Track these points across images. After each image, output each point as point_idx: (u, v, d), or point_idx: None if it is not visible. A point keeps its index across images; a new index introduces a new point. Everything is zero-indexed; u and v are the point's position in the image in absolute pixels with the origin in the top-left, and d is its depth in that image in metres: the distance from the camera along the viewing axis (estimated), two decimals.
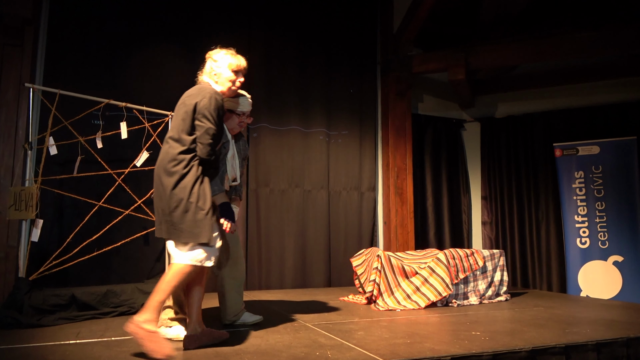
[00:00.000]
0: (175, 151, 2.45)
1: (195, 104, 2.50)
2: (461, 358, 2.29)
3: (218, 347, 2.43)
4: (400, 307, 3.71)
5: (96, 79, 4.33)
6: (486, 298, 4.10)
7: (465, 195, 6.11)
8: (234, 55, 2.72)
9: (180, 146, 2.46)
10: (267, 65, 5.12)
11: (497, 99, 6.21)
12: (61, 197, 4.00)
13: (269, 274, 4.92)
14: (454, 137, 6.16)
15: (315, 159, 5.25)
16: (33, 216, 3.51)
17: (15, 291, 3.20)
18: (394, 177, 5.45)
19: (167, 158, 2.46)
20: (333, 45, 5.44)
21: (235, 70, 2.68)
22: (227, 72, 2.67)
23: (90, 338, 2.65)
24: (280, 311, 3.50)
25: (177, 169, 2.43)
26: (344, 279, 5.11)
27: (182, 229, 2.37)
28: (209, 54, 2.75)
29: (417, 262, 4.00)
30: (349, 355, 2.26)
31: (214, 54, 2.73)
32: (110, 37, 4.50)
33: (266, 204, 5.00)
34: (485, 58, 5.37)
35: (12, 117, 4.10)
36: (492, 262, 4.20)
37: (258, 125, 5.04)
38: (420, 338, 2.64)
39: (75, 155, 3.81)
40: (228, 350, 2.37)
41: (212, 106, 2.50)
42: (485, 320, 3.24)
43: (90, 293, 3.32)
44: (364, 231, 5.37)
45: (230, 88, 2.70)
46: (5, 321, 2.91)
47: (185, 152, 2.45)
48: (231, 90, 2.72)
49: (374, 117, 5.65)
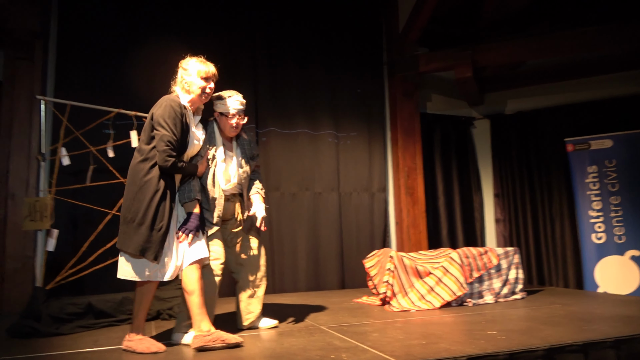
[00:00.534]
0: (135, 161, 2.57)
1: (152, 114, 2.59)
2: (477, 358, 2.27)
3: (233, 352, 2.44)
4: (414, 307, 3.69)
5: (106, 89, 4.39)
6: (501, 296, 4.06)
7: (477, 193, 6.06)
8: (203, 62, 2.73)
9: (139, 156, 2.56)
10: (272, 68, 5.14)
11: (506, 95, 6.17)
12: (75, 206, 4.04)
13: (283, 278, 4.93)
14: (463, 135, 6.13)
15: (325, 161, 5.25)
16: (48, 226, 3.56)
17: (33, 300, 3.24)
18: (404, 177, 5.44)
19: (130, 169, 2.58)
20: (338, 48, 5.44)
21: (205, 77, 2.69)
22: (197, 80, 2.68)
23: (108, 345, 2.68)
24: (294, 314, 3.51)
25: (135, 180, 2.52)
26: (358, 280, 5.09)
27: (135, 241, 2.45)
28: (180, 63, 2.76)
29: (431, 262, 3.98)
30: (364, 358, 2.26)
31: (183, 63, 2.75)
32: (118, 46, 4.56)
33: (277, 207, 5.01)
34: (491, 55, 5.34)
35: (25, 130, 4.18)
36: (507, 260, 4.16)
37: (266, 129, 5.06)
38: (436, 338, 2.63)
39: (87, 165, 3.85)
40: (244, 355, 2.38)
41: (166, 114, 2.54)
42: (501, 319, 3.22)
43: (106, 301, 3.36)
44: (376, 232, 5.36)
45: (200, 95, 2.70)
46: (24, 330, 2.95)
47: (143, 161, 2.53)
48: (202, 98, 2.72)
49: (382, 118, 5.64)
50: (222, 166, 2.84)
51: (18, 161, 4.14)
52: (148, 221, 2.46)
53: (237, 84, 4.89)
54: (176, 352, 2.50)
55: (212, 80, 2.73)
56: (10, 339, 2.91)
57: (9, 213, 4.05)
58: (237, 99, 2.90)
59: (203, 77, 2.68)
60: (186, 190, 2.65)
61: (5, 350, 2.63)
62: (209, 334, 2.50)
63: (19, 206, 4.03)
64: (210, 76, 2.72)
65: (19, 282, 4.00)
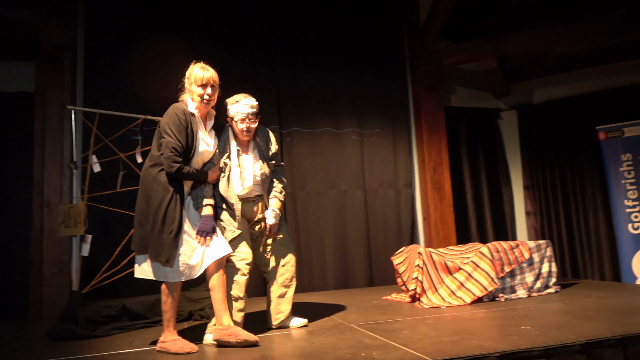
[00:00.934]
0: (146, 167, 2.69)
1: (160, 122, 2.71)
2: (510, 354, 2.23)
3: (265, 351, 2.47)
4: (445, 304, 3.65)
5: (132, 96, 4.48)
6: (534, 291, 3.97)
7: (506, 186, 5.95)
8: (202, 68, 2.77)
9: (150, 162, 2.69)
10: (293, 68, 5.16)
11: (532, 85, 6.02)
12: (107, 212, 4.15)
13: (311, 276, 4.95)
14: (490, 127, 6.01)
15: (349, 158, 5.24)
16: (82, 232, 3.67)
17: (70, 304, 3.35)
18: (430, 172, 5.38)
19: (141, 175, 2.72)
20: (359, 44, 5.42)
21: (202, 84, 2.73)
22: (195, 87, 2.74)
23: (143, 346, 2.74)
24: (324, 313, 3.52)
25: (146, 185, 2.65)
26: (386, 277, 5.07)
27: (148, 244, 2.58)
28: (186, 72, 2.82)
29: (460, 257, 3.93)
30: (394, 355, 2.24)
31: (187, 71, 2.80)
32: (143, 54, 4.64)
33: (303, 207, 5.03)
34: (516, 45, 5.22)
35: (57, 139, 4.32)
36: (539, 254, 4.07)
37: (290, 129, 5.08)
38: (467, 335, 2.59)
39: (117, 171, 3.95)
40: (275, 354, 2.40)
41: (170, 121, 2.65)
42: (535, 314, 3.15)
43: (139, 303, 3.44)
44: (404, 228, 5.32)
45: (201, 102, 2.74)
46: (63, 333, 3.05)
47: (152, 167, 2.65)
48: (204, 104, 2.75)
49: (406, 113, 5.59)
50: (237, 171, 2.85)
51: (52, 170, 4.28)
52: (159, 225, 2.55)
53: (259, 85, 4.99)
54: (208, 353, 2.54)
55: (210, 86, 2.74)
56: (51, 342, 3.01)
57: (45, 220, 4.20)
58: (246, 103, 2.85)
59: (199, 84, 2.73)
60: (198, 196, 2.72)
61: (46, 353, 2.72)
62: (227, 328, 2.58)
63: (54, 213, 4.17)
64: (207, 82, 2.74)
65: (56, 286, 4.14)
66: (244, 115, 2.83)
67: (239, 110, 2.83)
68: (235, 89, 4.73)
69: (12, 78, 4.47)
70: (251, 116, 2.85)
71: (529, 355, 2.25)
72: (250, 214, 2.96)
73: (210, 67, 2.79)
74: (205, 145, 2.78)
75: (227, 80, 4.76)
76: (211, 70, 2.78)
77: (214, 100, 2.79)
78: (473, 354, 2.19)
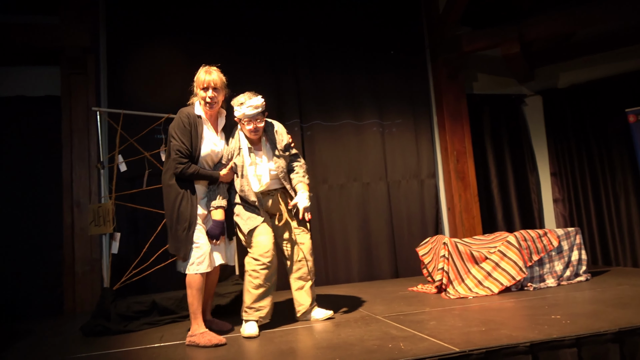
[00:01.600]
0: (163, 172, 2.88)
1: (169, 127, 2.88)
2: (541, 344, 2.20)
3: (290, 343, 2.49)
4: (472, 294, 3.61)
5: (155, 96, 4.53)
6: (564, 279, 3.90)
7: (532, 174, 5.82)
8: (205, 71, 2.84)
9: (164, 167, 2.87)
10: (313, 61, 5.14)
11: (557, 69, 5.87)
12: (134, 210, 4.25)
13: (336, 269, 4.96)
14: (514, 113, 5.89)
15: (371, 150, 5.22)
16: (111, 230, 3.76)
17: (102, 300, 3.44)
18: (453, 162, 5.31)
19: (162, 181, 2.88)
20: (378, 35, 5.37)
21: (204, 87, 2.82)
22: (199, 90, 2.84)
23: (173, 341, 2.80)
24: (349, 305, 3.52)
25: (164, 188, 2.84)
26: (411, 269, 5.04)
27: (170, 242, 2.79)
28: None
29: (486, 247, 3.88)
30: (422, 346, 2.24)
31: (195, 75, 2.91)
32: (164, 54, 4.70)
33: (326, 200, 5.04)
34: (539, 28, 5.08)
35: (84, 141, 4.42)
36: (568, 241, 3.98)
37: (311, 123, 5.08)
38: (496, 325, 2.56)
39: (142, 170, 4.03)
40: (301, 346, 2.42)
41: (175, 125, 2.81)
42: (565, 302, 3.09)
43: (168, 298, 3.50)
44: (428, 219, 5.27)
45: (204, 105, 2.84)
46: (96, 329, 3.14)
47: (166, 171, 2.83)
48: (208, 106, 2.84)
49: (427, 103, 5.52)
50: (252, 169, 2.89)
51: (80, 171, 4.39)
52: (174, 224, 2.75)
53: (278, 78, 5.01)
54: (237, 345, 2.58)
55: (212, 89, 2.81)
56: (85, 338, 3.10)
57: (75, 220, 4.31)
58: (250, 104, 2.85)
59: (201, 87, 2.82)
60: (213, 198, 2.84)
61: (80, 348, 2.81)
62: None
63: (84, 213, 4.28)
64: (208, 85, 2.81)
65: (88, 283, 4.26)
66: (250, 117, 2.86)
67: (244, 112, 2.86)
68: (255, 84, 4.77)
69: (39, 82, 4.59)
70: (257, 116, 2.88)
71: (561, 345, 2.22)
72: (270, 206, 3.00)
73: (215, 70, 2.86)
74: (212, 145, 2.87)
75: (247, 74, 4.81)
76: (215, 73, 2.84)
77: (217, 102, 2.86)
78: (502, 344, 2.17)
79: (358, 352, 2.22)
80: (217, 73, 2.85)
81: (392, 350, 2.21)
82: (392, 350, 2.20)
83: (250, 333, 2.73)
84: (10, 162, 4.41)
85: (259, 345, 2.52)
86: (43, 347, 2.91)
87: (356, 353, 2.20)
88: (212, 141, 2.88)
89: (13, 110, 4.47)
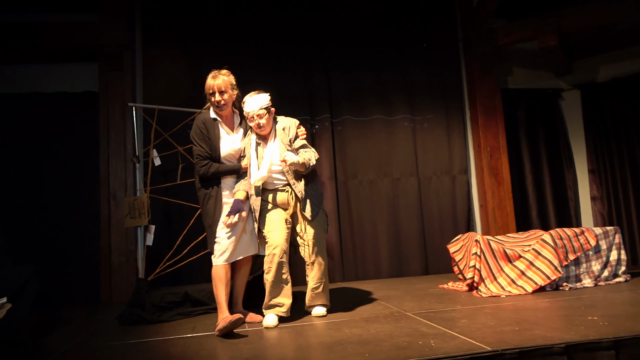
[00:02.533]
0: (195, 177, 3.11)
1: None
2: (577, 345, 2.13)
3: (321, 337, 2.50)
4: (504, 293, 3.54)
5: (188, 91, 4.62)
6: (602, 280, 3.77)
7: (569, 170, 5.65)
8: (212, 77, 3.01)
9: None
10: (344, 55, 5.13)
11: (597, 61, 5.65)
12: (168, 203, 4.35)
13: (365, 265, 4.95)
14: (550, 108, 5.72)
15: (402, 146, 5.17)
16: (146, 222, 3.86)
17: (137, 291, 3.54)
18: (487, 158, 5.20)
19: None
20: (410, 28, 5.30)
21: (210, 92, 3.01)
22: (208, 96, 3.03)
23: (205, 331, 2.86)
24: (379, 301, 3.51)
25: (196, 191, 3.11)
26: (442, 266, 4.98)
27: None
28: None
29: (520, 245, 3.79)
30: (452, 344, 2.21)
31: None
32: (197, 51, 4.79)
33: (356, 195, 5.02)
34: (579, 19, 4.91)
35: (120, 136, 4.55)
36: (607, 241, 3.85)
37: (341, 118, 5.07)
38: (530, 325, 2.50)
39: (176, 164, 4.11)
40: (330, 341, 2.42)
41: (193, 132, 3.07)
42: (603, 303, 2.99)
43: (200, 290, 3.57)
44: (459, 216, 5.19)
45: (215, 108, 3.03)
46: (132, 318, 3.23)
47: (195, 176, 3.09)
48: (218, 109, 3.02)
49: (460, 97, 5.42)
50: (255, 162, 2.97)
51: (116, 164, 4.52)
52: (203, 221, 3.04)
53: (309, 73, 5.01)
54: (267, 338, 2.61)
55: (218, 92, 2.97)
56: (121, 326, 3.20)
57: (112, 212, 4.45)
58: (250, 102, 2.96)
59: (208, 92, 3.01)
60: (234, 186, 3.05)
61: (116, 336, 2.90)
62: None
63: (120, 205, 4.41)
64: (213, 90, 2.98)
65: (124, 274, 4.39)
66: (252, 115, 2.97)
67: (247, 110, 2.99)
68: (285, 80, 4.80)
69: (78, 79, 4.75)
70: (259, 113, 2.95)
71: (598, 347, 2.14)
72: (280, 203, 3.06)
73: (221, 74, 3.01)
74: (231, 144, 3.05)
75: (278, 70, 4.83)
76: (220, 77, 2.99)
77: (226, 104, 3.02)
78: (537, 344, 2.11)
79: (388, 348, 2.21)
80: (223, 77, 3.00)
81: (422, 347, 2.19)
82: (423, 348, 2.18)
83: (268, 324, 2.84)
84: (52, 155, 4.58)
85: (288, 339, 2.55)
86: (82, 335, 3.02)
87: (386, 349, 2.19)
88: (230, 140, 3.06)
89: (55, 106, 4.65)
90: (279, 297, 2.93)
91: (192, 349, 2.47)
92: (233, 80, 3.06)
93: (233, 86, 3.05)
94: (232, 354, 2.31)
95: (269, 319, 2.88)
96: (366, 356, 2.09)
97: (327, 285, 3.11)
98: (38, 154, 4.57)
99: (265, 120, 2.98)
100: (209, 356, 2.31)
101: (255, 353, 2.30)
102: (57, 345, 2.73)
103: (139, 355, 2.43)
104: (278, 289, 2.93)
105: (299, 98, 4.96)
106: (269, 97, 3.02)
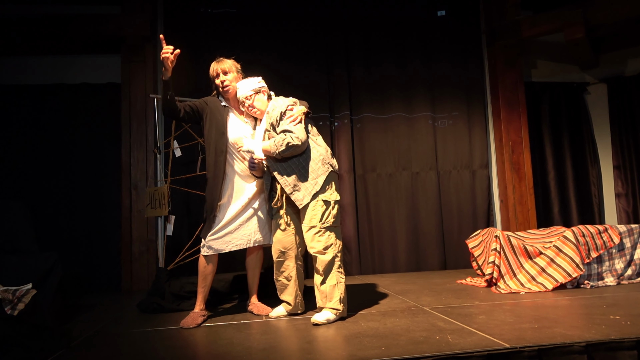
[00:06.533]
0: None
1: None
2: (598, 344, 2.09)
3: (339, 330, 2.51)
4: (524, 289, 3.50)
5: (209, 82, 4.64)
6: (625, 278, 3.69)
7: (593, 166, 5.52)
8: (216, 61, 3.05)
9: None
10: (365, 51, 5.09)
11: (625, 54, 5.49)
12: (188, 194, 4.40)
13: (382, 258, 4.94)
14: (575, 102, 5.59)
15: (422, 139, 5.12)
16: (166, 213, 3.91)
17: (157, 280, 3.60)
18: (508, 152, 5.12)
19: None
20: (433, 21, 5.23)
21: (215, 75, 3.03)
22: (214, 81, 3.05)
23: (222, 321, 2.90)
24: (396, 295, 3.50)
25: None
26: (460, 261, 4.94)
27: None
28: None
29: (541, 242, 3.73)
30: (470, 340, 2.19)
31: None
32: (217, 43, 4.80)
33: (374, 189, 5.00)
34: (607, 11, 4.76)
35: (142, 127, 4.61)
36: (631, 239, 3.76)
37: (361, 115, 5.04)
38: (549, 322, 2.47)
39: (196, 156, 4.15)
40: (347, 333, 2.43)
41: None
42: (626, 302, 2.93)
43: (219, 280, 3.60)
44: (479, 211, 5.13)
45: (222, 92, 3.03)
46: (152, 307, 3.29)
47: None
48: (224, 92, 3.02)
49: (482, 90, 5.33)
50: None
51: (138, 155, 4.59)
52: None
53: (330, 69, 4.99)
54: (286, 329, 2.63)
55: (222, 73, 2.99)
56: (141, 314, 3.27)
57: (133, 202, 4.52)
58: (241, 85, 2.94)
59: (213, 75, 3.03)
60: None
61: (137, 324, 2.96)
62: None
63: (141, 196, 4.48)
64: (218, 72, 3.00)
65: (145, 263, 4.47)
66: (242, 99, 2.94)
67: (238, 95, 2.96)
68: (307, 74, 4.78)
69: (101, 70, 4.82)
70: (248, 95, 2.92)
71: (619, 346, 2.10)
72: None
73: (226, 59, 3.04)
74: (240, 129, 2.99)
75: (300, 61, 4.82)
76: (225, 60, 3.02)
77: (231, 85, 3.00)
78: (556, 343, 2.08)
79: (404, 342, 2.21)
80: (227, 60, 3.03)
81: (439, 342, 2.18)
82: (440, 343, 2.17)
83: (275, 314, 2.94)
84: (76, 145, 4.67)
85: (304, 330, 2.56)
86: (104, 322, 3.09)
87: (402, 343, 2.19)
88: (239, 126, 3.02)
89: (79, 96, 4.73)
90: (283, 295, 2.97)
91: (209, 338, 2.51)
92: (238, 66, 3.08)
93: (238, 69, 3.06)
94: (250, 344, 2.33)
95: (276, 310, 2.97)
96: (383, 350, 2.09)
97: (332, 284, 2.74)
98: (63, 144, 4.66)
99: (259, 102, 2.92)
100: (226, 345, 2.34)
101: (272, 344, 2.32)
102: (80, 331, 2.80)
103: (158, 343, 2.48)
104: (282, 287, 2.96)
105: (319, 93, 4.94)
106: (259, 80, 2.97)
